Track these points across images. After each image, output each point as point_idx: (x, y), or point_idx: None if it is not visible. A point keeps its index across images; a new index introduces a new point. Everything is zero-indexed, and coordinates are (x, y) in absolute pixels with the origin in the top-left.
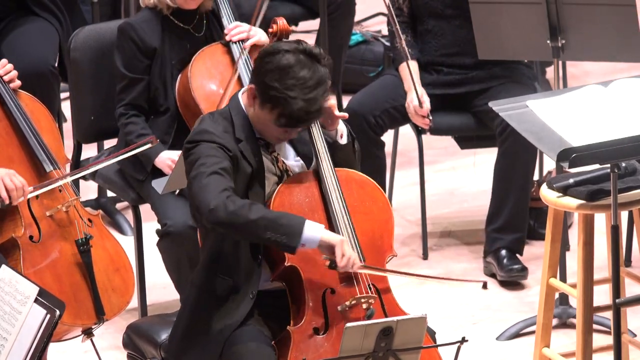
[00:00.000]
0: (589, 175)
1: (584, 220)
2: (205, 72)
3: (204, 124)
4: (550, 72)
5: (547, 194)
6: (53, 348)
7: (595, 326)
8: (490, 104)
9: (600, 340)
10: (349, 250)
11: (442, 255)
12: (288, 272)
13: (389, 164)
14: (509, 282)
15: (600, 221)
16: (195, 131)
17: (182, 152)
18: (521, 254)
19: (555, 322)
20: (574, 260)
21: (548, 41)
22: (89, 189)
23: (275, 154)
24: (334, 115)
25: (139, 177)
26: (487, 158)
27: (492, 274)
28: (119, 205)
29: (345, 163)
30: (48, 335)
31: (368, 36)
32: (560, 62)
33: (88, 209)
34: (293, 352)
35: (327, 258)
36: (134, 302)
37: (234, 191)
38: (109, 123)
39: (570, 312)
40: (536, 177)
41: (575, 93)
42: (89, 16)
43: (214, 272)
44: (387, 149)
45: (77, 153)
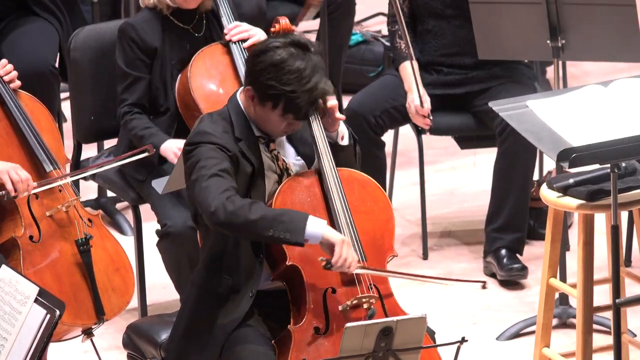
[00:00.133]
0: (589, 175)
1: (584, 220)
2: (205, 72)
3: (203, 124)
4: (550, 72)
5: (547, 194)
6: (53, 348)
7: (595, 326)
8: (490, 104)
9: (600, 340)
10: (347, 251)
11: (442, 255)
12: (289, 272)
13: (389, 164)
14: (509, 282)
15: (600, 221)
16: (195, 132)
17: (182, 154)
18: (521, 254)
19: (555, 322)
20: (574, 260)
21: (548, 41)
22: (89, 189)
23: (275, 152)
24: (335, 117)
25: (139, 177)
26: (487, 158)
27: (492, 274)
28: (119, 205)
29: (346, 165)
30: (48, 335)
31: (368, 36)
32: (560, 62)
33: (88, 209)
34: (293, 351)
35: (323, 259)
36: (134, 302)
37: (236, 190)
38: (109, 123)
39: (570, 312)
40: (536, 177)
41: (575, 93)
42: (89, 16)
43: (214, 272)
44: (387, 149)
45: (77, 153)
